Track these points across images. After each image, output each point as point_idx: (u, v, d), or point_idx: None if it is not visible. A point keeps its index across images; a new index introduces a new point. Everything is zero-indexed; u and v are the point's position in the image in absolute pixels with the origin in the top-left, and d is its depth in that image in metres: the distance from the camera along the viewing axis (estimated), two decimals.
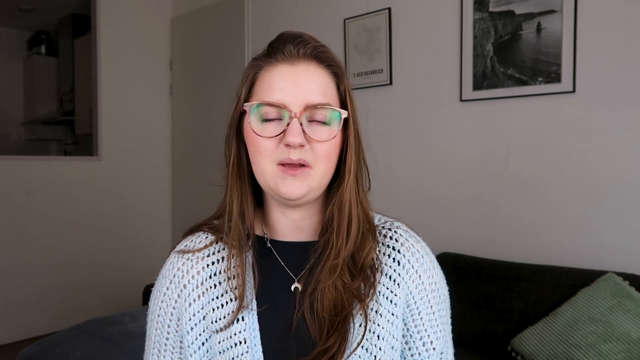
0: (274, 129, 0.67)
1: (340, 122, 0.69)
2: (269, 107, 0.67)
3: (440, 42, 2.33)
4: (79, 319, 2.25)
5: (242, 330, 0.70)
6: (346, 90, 0.72)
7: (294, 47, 0.68)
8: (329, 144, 0.68)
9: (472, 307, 1.97)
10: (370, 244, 0.72)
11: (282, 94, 0.67)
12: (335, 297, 0.69)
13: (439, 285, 0.77)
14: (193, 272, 0.74)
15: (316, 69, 0.69)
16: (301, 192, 0.67)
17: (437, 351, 0.75)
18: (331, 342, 0.67)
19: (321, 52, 0.70)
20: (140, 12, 3.64)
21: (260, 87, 0.69)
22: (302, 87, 0.67)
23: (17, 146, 5.01)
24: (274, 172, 0.67)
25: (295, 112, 0.66)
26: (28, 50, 5.08)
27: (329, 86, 0.70)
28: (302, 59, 0.69)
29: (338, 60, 0.72)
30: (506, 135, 2.14)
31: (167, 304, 0.76)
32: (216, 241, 0.76)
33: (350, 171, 0.71)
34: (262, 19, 3.13)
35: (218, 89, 3.39)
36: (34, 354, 1.76)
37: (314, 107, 0.67)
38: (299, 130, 0.65)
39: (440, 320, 0.76)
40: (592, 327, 1.60)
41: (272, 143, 0.67)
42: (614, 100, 1.87)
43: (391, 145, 2.52)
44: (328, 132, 0.68)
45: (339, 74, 0.71)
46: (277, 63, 0.69)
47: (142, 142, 3.67)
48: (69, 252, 3.35)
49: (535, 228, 2.07)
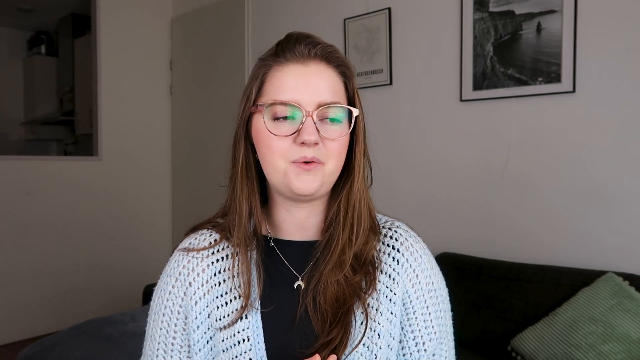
0: (287, 128, 0.68)
1: (351, 121, 0.70)
2: (282, 106, 0.68)
3: (440, 42, 2.33)
4: (79, 319, 2.25)
5: (245, 328, 0.71)
6: (354, 90, 0.74)
7: (304, 47, 0.69)
8: (340, 142, 0.70)
9: (472, 307, 1.97)
10: (373, 240, 0.74)
11: (294, 93, 0.68)
12: (337, 291, 0.70)
13: (437, 286, 0.77)
14: (198, 269, 0.75)
15: (326, 69, 0.71)
16: (314, 187, 0.68)
17: (428, 352, 0.75)
18: (334, 335, 0.68)
19: (330, 52, 0.71)
20: (140, 12, 3.63)
21: (272, 87, 0.70)
22: (314, 87, 0.68)
23: (17, 146, 5.01)
24: (287, 168, 0.68)
25: (308, 110, 0.67)
26: (28, 50, 5.08)
27: (338, 86, 0.71)
28: (313, 59, 0.70)
29: (346, 60, 0.74)
30: (506, 135, 2.14)
31: (174, 302, 0.75)
32: (220, 239, 0.76)
33: (360, 167, 0.73)
34: (262, 19, 3.13)
35: (218, 89, 3.39)
36: (34, 354, 1.76)
37: (326, 105, 0.68)
38: (314, 129, 0.67)
39: (436, 322, 0.76)
40: (592, 327, 1.60)
41: (286, 142, 0.68)
42: (614, 100, 1.87)
43: (391, 145, 2.52)
44: (339, 130, 0.69)
45: (347, 74, 0.73)
46: (287, 63, 0.70)
47: (142, 142, 3.67)
48: (69, 252, 3.35)
49: (535, 227, 2.07)
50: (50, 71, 4.95)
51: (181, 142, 3.76)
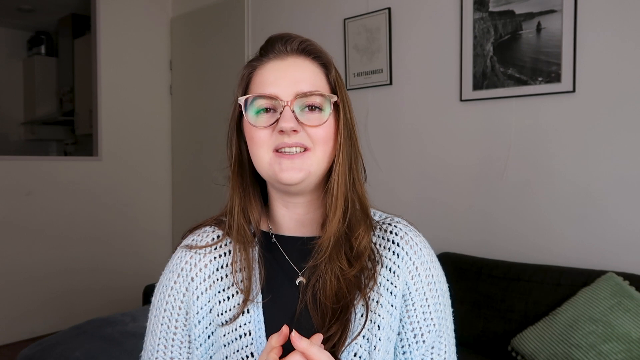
0: (268, 119, 0.71)
1: (331, 107, 0.72)
2: (262, 99, 0.71)
3: (440, 42, 2.33)
4: (79, 319, 2.25)
5: (247, 323, 0.72)
6: (336, 79, 0.75)
7: (282, 44, 0.73)
8: (323, 128, 0.71)
9: (472, 307, 1.97)
10: (363, 230, 0.74)
11: (273, 86, 0.71)
12: (337, 287, 0.71)
13: (437, 279, 0.78)
14: (201, 265, 0.76)
15: (304, 61, 0.73)
16: (300, 176, 0.70)
17: (427, 344, 0.75)
18: (333, 331, 0.69)
19: (307, 45, 0.74)
20: (140, 12, 3.64)
21: (255, 84, 0.74)
22: (291, 78, 0.71)
23: (17, 146, 5.01)
24: (271, 159, 0.70)
25: (287, 100, 0.69)
26: (28, 50, 5.08)
27: (318, 76, 0.73)
28: (290, 53, 0.73)
29: (324, 51, 0.76)
30: (506, 135, 2.14)
31: (175, 297, 0.76)
32: (223, 236, 0.77)
33: (340, 152, 0.73)
34: (262, 19, 3.13)
35: (218, 89, 3.40)
36: (34, 354, 1.76)
37: (304, 94, 0.70)
38: (291, 117, 0.69)
39: (435, 315, 0.76)
40: (592, 327, 1.60)
41: (267, 132, 0.70)
42: (614, 100, 1.87)
43: (391, 145, 2.52)
44: (320, 117, 0.71)
45: (326, 64, 0.75)
46: (268, 61, 0.74)
47: (142, 142, 3.67)
48: (69, 252, 3.35)
49: (535, 227, 2.07)
50: (50, 71, 4.94)
51: (181, 142, 3.76)
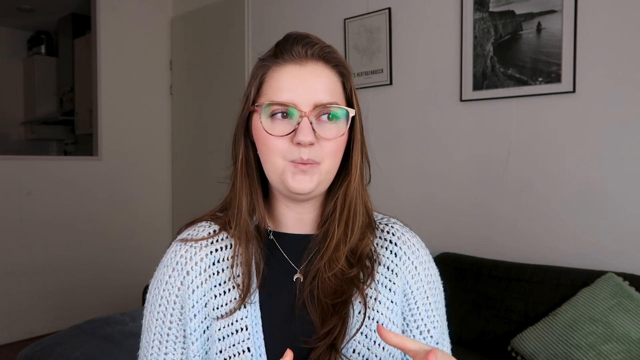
0: (284, 127, 0.69)
1: (348, 120, 0.71)
2: (278, 106, 0.69)
3: (440, 42, 2.33)
4: (78, 319, 2.25)
5: (243, 318, 0.72)
6: (352, 90, 0.74)
7: (301, 47, 0.70)
8: (337, 141, 0.70)
9: (472, 307, 1.97)
10: (369, 236, 0.75)
11: (291, 93, 0.68)
12: (335, 284, 0.71)
13: (435, 278, 0.80)
14: (197, 258, 0.75)
15: (323, 69, 0.71)
16: (310, 187, 0.70)
17: (434, 339, 0.76)
18: (332, 326, 0.69)
19: (328, 52, 0.72)
20: (140, 12, 3.63)
21: (270, 87, 0.71)
22: (310, 87, 0.69)
23: (17, 146, 5.01)
24: (285, 168, 0.69)
25: (305, 111, 0.68)
26: (28, 50, 5.08)
27: (335, 86, 0.72)
28: (310, 59, 0.70)
29: (344, 60, 0.74)
30: (506, 135, 2.14)
31: (170, 292, 0.75)
32: (220, 230, 0.77)
33: (357, 167, 0.74)
34: (262, 19, 3.13)
35: (218, 89, 3.39)
36: (34, 354, 1.76)
37: (322, 106, 0.69)
38: (310, 129, 0.67)
39: (437, 312, 0.78)
40: (592, 327, 1.60)
41: (283, 141, 0.69)
42: (614, 100, 1.87)
43: (391, 144, 2.52)
44: (336, 130, 0.70)
45: (345, 74, 0.74)
46: (285, 63, 0.70)
47: (142, 142, 3.67)
48: (69, 251, 3.35)
49: (535, 227, 2.07)
50: (50, 71, 4.95)
51: (181, 141, 3.76)
